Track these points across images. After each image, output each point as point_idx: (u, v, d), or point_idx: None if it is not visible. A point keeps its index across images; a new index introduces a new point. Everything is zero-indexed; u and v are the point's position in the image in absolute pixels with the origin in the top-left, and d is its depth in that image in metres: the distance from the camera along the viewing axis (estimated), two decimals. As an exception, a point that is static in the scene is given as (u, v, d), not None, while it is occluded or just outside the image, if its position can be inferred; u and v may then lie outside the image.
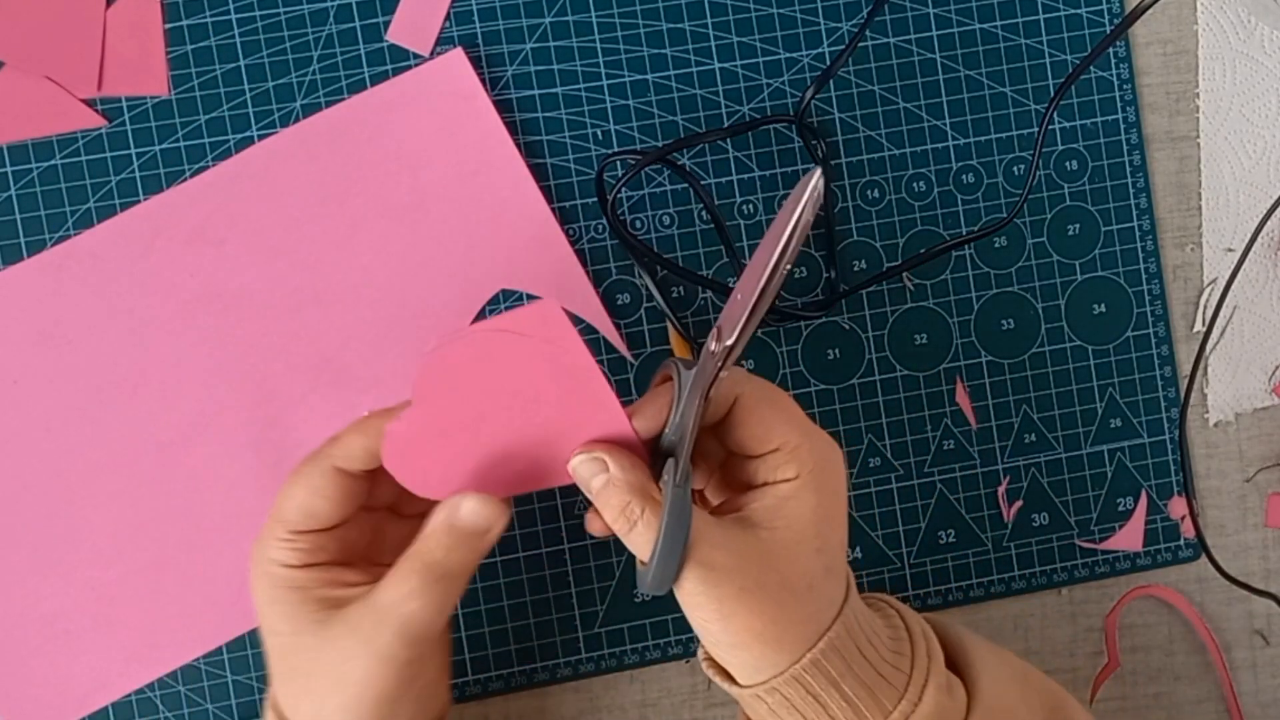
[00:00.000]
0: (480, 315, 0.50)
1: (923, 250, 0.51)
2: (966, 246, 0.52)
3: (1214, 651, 0.54)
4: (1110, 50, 0.52)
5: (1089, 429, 0.53)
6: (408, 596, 0.39)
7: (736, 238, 0.51)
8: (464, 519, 0.40)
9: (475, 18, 0.50)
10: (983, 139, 0.52)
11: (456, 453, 0.40)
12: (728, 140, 0.51)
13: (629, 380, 0.51)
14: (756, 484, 0.41)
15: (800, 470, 0.40)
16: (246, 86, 0.49)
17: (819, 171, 0.37)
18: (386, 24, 0.50)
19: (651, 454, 0.41)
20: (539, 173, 0.50)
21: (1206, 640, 0.54)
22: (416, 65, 0.50)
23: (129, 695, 0.49)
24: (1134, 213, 0.53)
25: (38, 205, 0.49)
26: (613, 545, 0.51)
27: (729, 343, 0.38)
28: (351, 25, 0.50)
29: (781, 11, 0.51)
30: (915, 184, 0.52)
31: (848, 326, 0.52)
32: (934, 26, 0.52)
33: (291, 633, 0.40)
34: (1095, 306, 0.53)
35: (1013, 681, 0.44)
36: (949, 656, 0.44)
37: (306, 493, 0.41)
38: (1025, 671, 0.45)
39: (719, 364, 0.39)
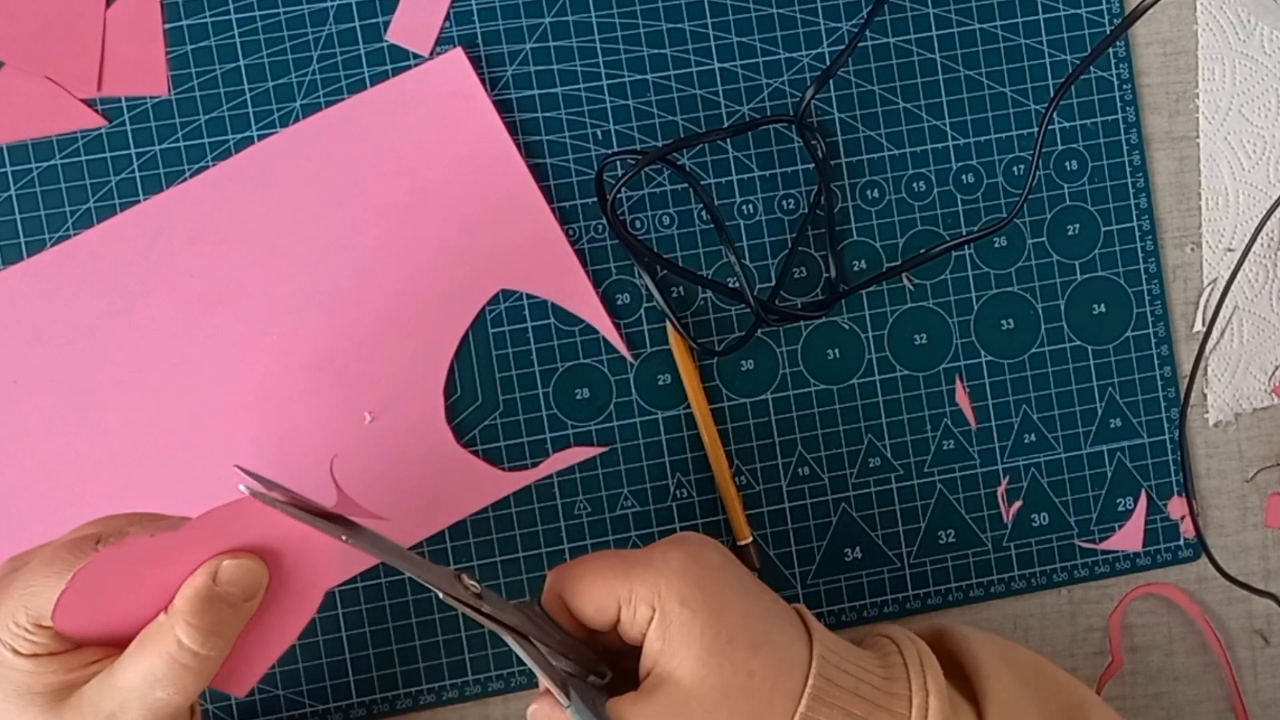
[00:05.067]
0: (480, 315, 0.50)
1: (923, 250, 0.51)
2: (966, 246, 0.52)
3: (1218, 650, 0.54)
4: (1110, 50, 0.52)
5: (1089, 429, 0.53)
6: (154, 682, 0.35)
7: (736, 238, 0.51)
8: (226, 587, 0.36)
9: (475, 18, 0.50)
10: (983, 139, 0.52)
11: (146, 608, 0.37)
12: (728, 140, 0.51)
13: (629, 380, 0.51)
14: (641, 642, 0.40)
15: (651, 603, 0.39)
16: (246, 86, 0.49)
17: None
18: (386, 24, 0.50)
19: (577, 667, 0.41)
20: (539, 173, 0.50)
21: (1210, 639, 0.54)
22: (416, 65, 0.50)
23: (129, 695, 0.49)
24: (1134, 213, 0.53)
25: (38, 205, 0.49)
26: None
27: (477, 589, 0.39)
28: (351, 25, 0.50)
29: (781, 11, 0.51)
30: (915, 184, 0.52)
31: (848, 326, 0.52)
32: (934, 26, 0.52)
33: (17, 714, 0.36)
34: (1095, 306, 0.53)
35: (1028, 693, 0.43)
36: (958, 671, 0.44)
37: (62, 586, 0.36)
38: (1039, 673, 0.44)
39: (475, 608, 0.39)
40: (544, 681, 0.39)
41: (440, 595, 0.38)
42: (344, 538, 0.37)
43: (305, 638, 0.50)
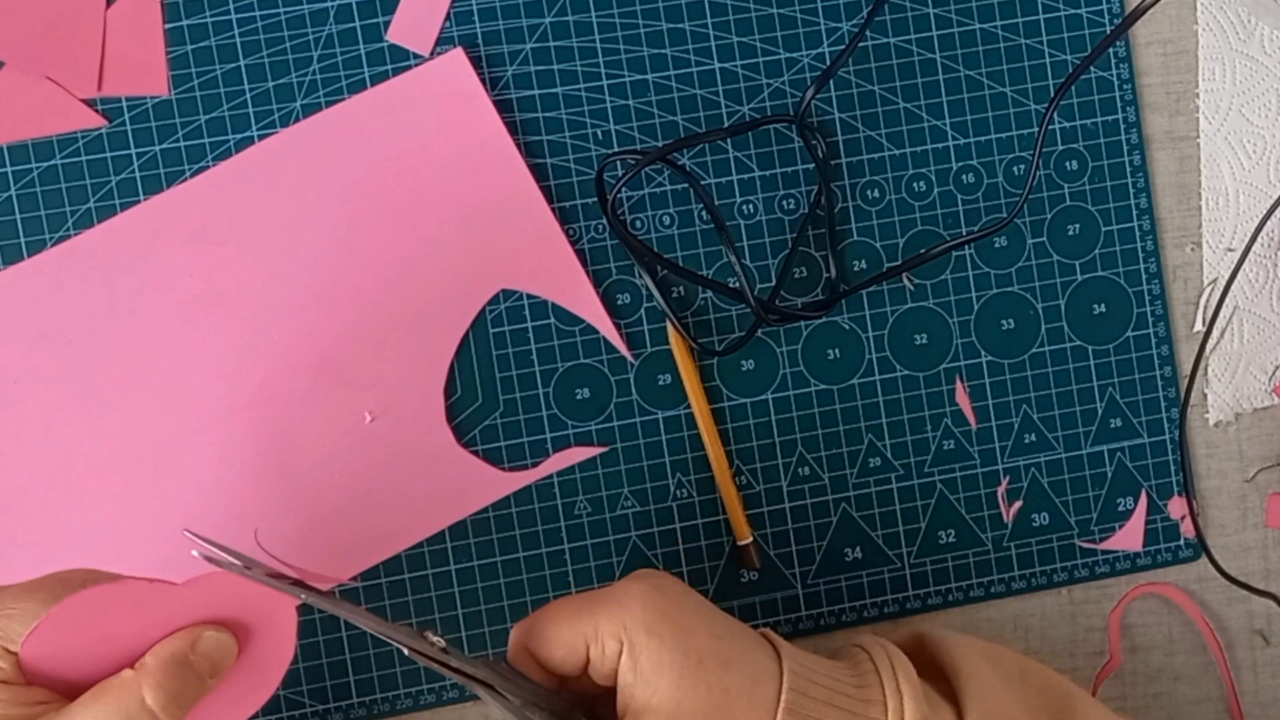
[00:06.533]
0: (480, 315, 0.50)
1: (923, 250, 0.51)
2: (966, 246, 0.52)
3: (1216, 651, 0.54)
4: (1110, 50, 0.52)
5: (1089, 429, 0.53)
6: None
7: (736, 238, 0.51)
8: (200, 658, 0.36)
9: (475, 18, 0.50)
10: (983, 139, 0.52)
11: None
12: (728, 140, 0.51)
13: (629, 380, 0.51)
14: (614, 680, 0.40)
15: (618, 636, 0.39)
16: (246, 86, 0.49)
17: None
18: (386, 24, 0.50)
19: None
20: (539, 173, 0.50)
21: (1209, 639, 0.54)
22: (416, 65, 0.50)
23: (129, 695, 0.49)
24: (1134, 213, 0.53)
25: (38, 205, 0.49)
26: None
27: (442, 644, 0.39)
28: (351, 25, 0.50)
29: (781, 11, 0.51)
30: (915, 184, 0.52)
31: (848, 326, 0.52)
32: (934, 26, 0.52)
33: None
34: (1095, 306, 0.53)
35: (1011, 691, 0.43)
36: (940, 673, 0.44)
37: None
38: (1024, 670, 0.45)
39: (443, 663, 0.38)
40: None
41: (405, 651, 0.38)
42: (303, 596, 0.37)
43: (305, 637, 0.50)
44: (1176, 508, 0.53)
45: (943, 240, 0.52)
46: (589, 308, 0.51)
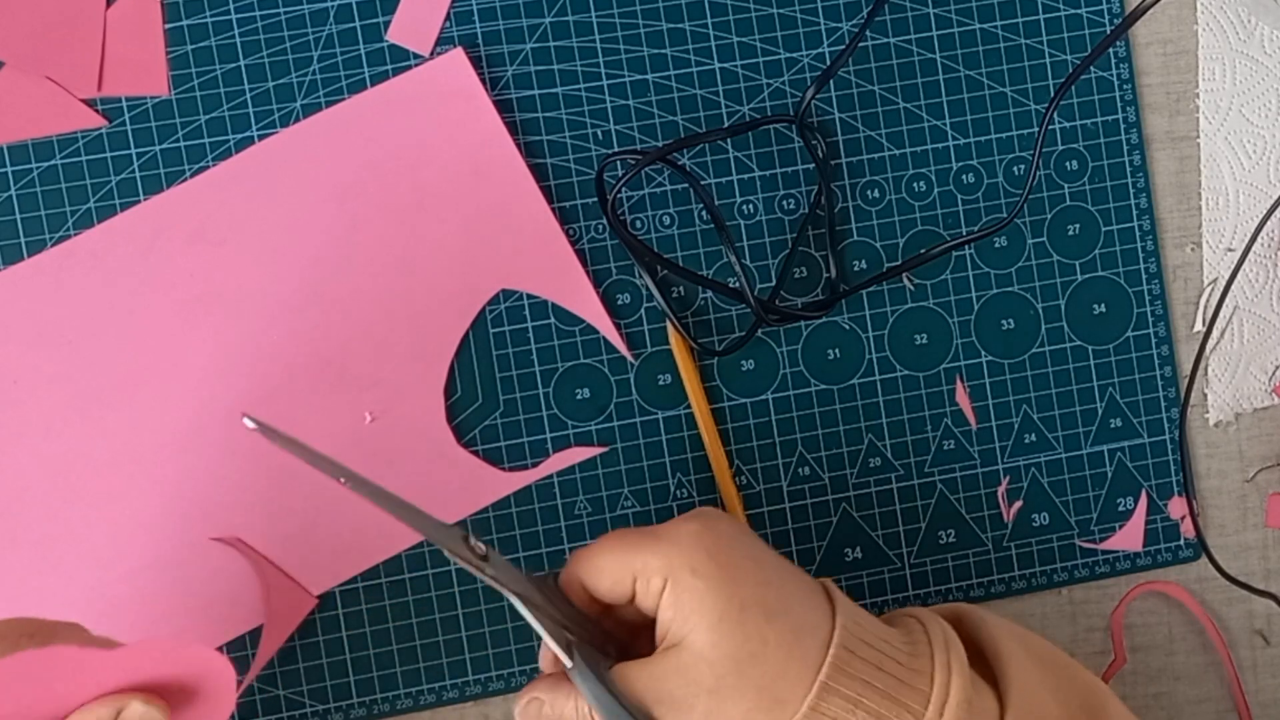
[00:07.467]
0: (480, 315, 0.50)
1: (923, 250, 0.51)
2: (966, 246, 0.52)
3: (1221, 649, 0.54)
4: (1110, 50, 0.52)
5: (1089, 429, 0.53)
6: None
7: (736, 238, 0.51)
8: None
9: (475, 18, 0.50)
10: (983, 139, 0.52)
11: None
12: (728, 140, 0.51)
13: (629, 380, 0.51)
14: (655, 613, 0.41)
15: (664, 571, 0.39)
16: (246, 86, 0.49)
17: None
18: (386, 24, 0.50)
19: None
20: (539, 173, 0.50)
21: (1214, 637, 0.54)
22: (416, 65, 0.50)
23: (129, 695, 0.49)
24: (1134, 213, 0.53)
25: (38, 205, 0.49)
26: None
27: (483, 550, 0.39)
28: (351, 25, 0.50)
29: (781, 11, 0.51)
30: (915, 184, 0.52)
31: (848, 326, 0.52)
32: (934, 26, 0.52)
33: None
34: (1095, 306, 0.53)
35: (1046, 678, 0.43)
36: (976, 653, 0.44)
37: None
38: (1057, 665, 0.44)
39: (479, 569, 0.39)
40: (547, 641, 0.39)
41: (445, 552, 0.38)
42: (342, 480, 0.37)
43: (305, 637, 0.50)
44: (1176, 508, 0.53)
45: (943, 240, 0.52)
46: (589, 308, 0.51)
